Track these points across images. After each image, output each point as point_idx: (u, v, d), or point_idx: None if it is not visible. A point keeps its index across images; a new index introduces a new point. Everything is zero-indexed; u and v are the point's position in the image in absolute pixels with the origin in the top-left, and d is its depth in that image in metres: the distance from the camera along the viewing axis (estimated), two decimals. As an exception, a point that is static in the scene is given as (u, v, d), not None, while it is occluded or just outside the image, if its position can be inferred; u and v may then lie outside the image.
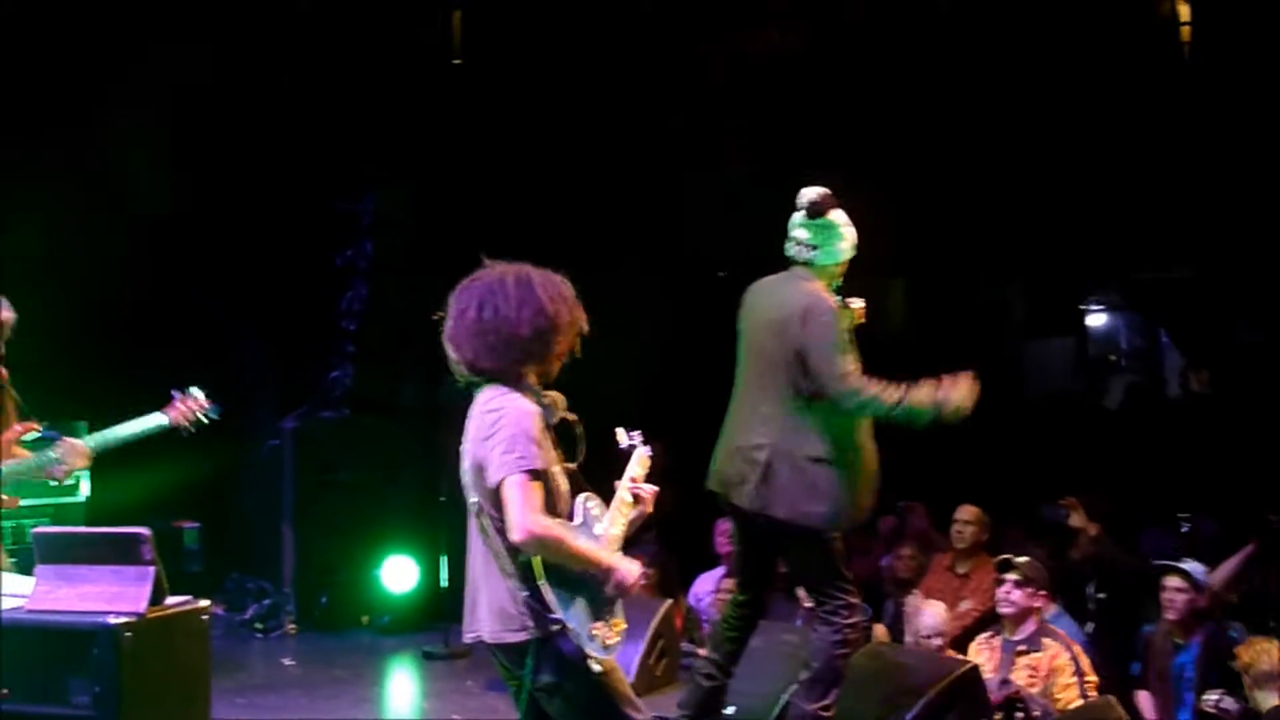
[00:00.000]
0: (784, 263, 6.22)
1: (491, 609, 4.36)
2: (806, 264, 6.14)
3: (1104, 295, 13.91)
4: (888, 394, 5.86)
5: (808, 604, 8.32)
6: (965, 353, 12.44)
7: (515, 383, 4.39)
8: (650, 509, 4.71)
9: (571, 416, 4.49)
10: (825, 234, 6.14)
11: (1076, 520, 9.09)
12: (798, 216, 6.20)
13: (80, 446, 6.24)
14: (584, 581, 4.32)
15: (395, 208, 10.69)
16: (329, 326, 10.89)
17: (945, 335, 12.23)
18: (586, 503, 4.46)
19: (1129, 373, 14.14)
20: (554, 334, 4.41)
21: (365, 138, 10.70)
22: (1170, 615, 7.38)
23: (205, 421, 6.57)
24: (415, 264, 10.60)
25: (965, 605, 8.43)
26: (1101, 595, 8.30)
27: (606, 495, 4.61)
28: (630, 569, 4.42)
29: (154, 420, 6.43)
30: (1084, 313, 14.13)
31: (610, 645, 4.35)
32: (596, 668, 4.28)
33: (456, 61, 10.58)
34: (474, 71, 10.51)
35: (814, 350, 5.92)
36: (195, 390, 6.56)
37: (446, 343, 4.45)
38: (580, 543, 4.33)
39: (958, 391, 5.90)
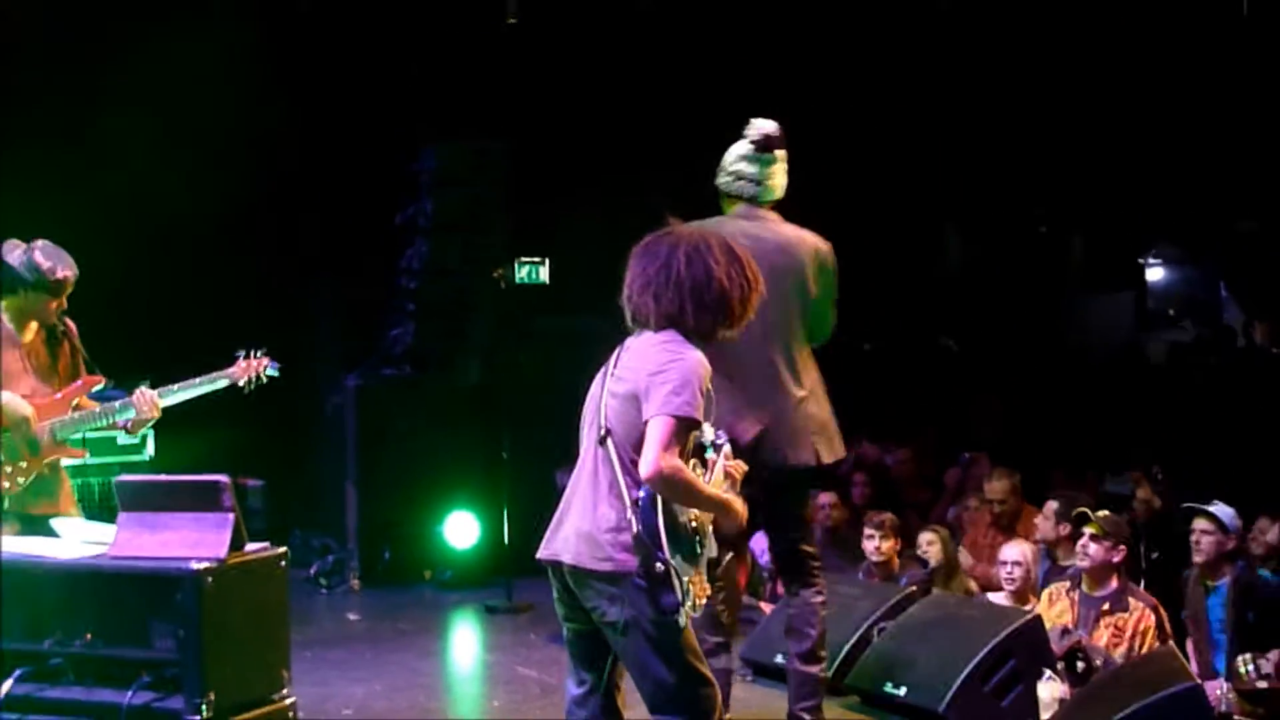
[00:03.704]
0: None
1: (580, 534, 4.39)
2: (750, 200, 5.89)
3: (1164, 249, 13.84)
4: None
5: (874, 559, 8.39)
6: (1022, 300, 12.55)
7: (687, 338, 4.45)
8: (738, 488, 4.72)
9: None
10: (770, 169, 5.91)
11: (1143, 493, 9.10)
12: (743, 149, 5.94)
13: (152, 396, 6.37)
14: (688, 537, 4.37)
15: (456, 166, 10.72)
16: (390, 285, 10.96)
17: (1002, 283, 12.23)
18: (694, 469, 4.49)
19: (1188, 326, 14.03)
20: (731, 301, 4.48)
21: (425, 95, 10.76)
22: (1198, 558, 7.35)
23: (265, 380, 6.69)
24: (476, 222, 10.64)
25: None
26: (1155, 555, 8.28)
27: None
28: (744, 512, 4.56)
29: (218, 378, 6.56)
30: (1143, 266, 14.04)
31: (699, 604, 4.38)
32: (683, 621, 4.31)
33: (512, 20, 10.63)
34: (531, 29, 10.56)
35: (829, 299, 5.94)
36: (258, 352, 6.68)
37: (634, 291, 4.51)
38: (703, 485, 4.40)
39: None
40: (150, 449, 9.22)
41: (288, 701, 5.09)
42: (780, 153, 5.96)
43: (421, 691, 7.58)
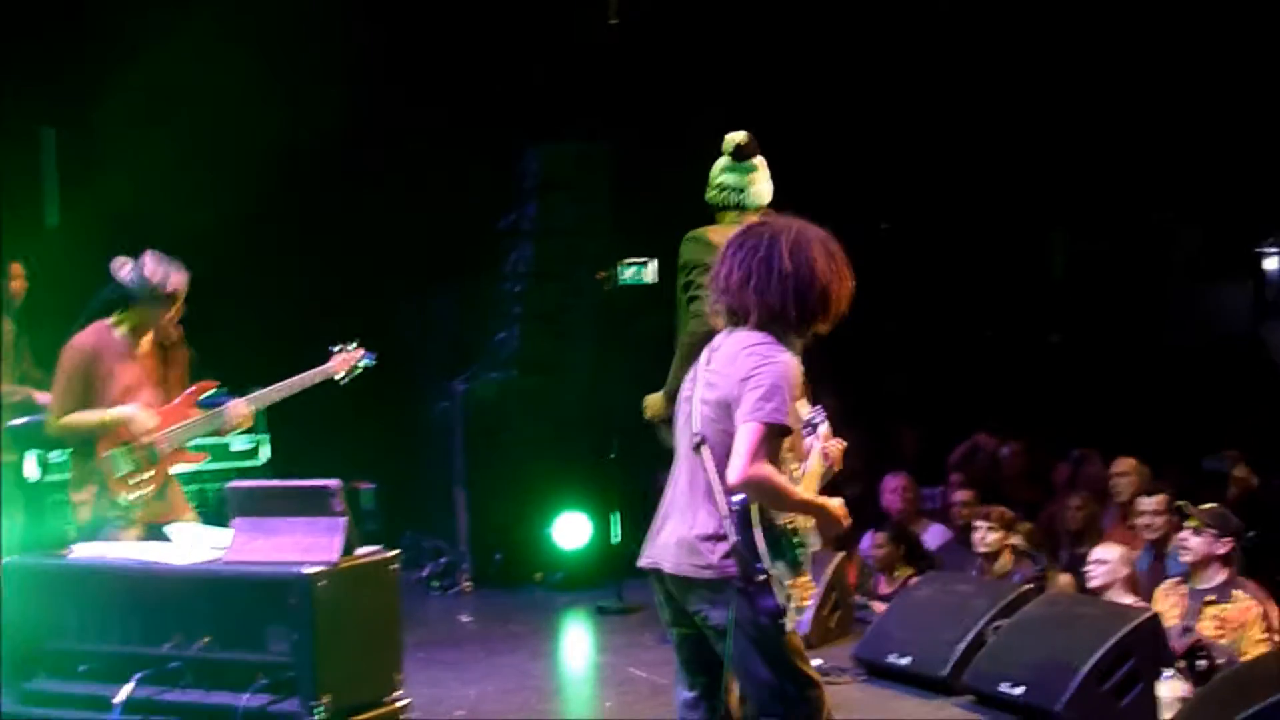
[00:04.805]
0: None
1: (680, 541, 4.37)
2: (738, 208, 6.15)
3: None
4: None
5: (980, 549, 8.33)
6: (1131, 298, 12.36)
7: (785, 337, 4.40)
8: (839, 467, 4.70)
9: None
10: (750, 176, 6.23)
11: (1239, 471, 8.94)
12: (723, 162, 6.28)
13: (243, 408, 6.53)
14: (788, 539, 4.32)
15: (560, 168, 10.75)
16: (496, 288, 11.01)
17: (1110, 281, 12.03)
18: (789, 465, 4.42)
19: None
20: (833, 297, 4.41)
21: (529, 98, 10.79)
22: None
23: (360, 370, 6.80)
24: (581, 225, 10.67)
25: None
26: (1252, 533, 8.08)
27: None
28: (843, 512, 4.44)
29: (317, 375, 6.68)
30: (1260, 255, 13.68)
31: (802, 606, 4.36)
32: (789, 625, 4.28)
33: (614, 21, 10.63)
34: (633, 31, 10.56)
35: None
36: (350, 345, 6.80)
37: (733, 285, 4.43)
38: (795, 490, 4.33)
39: None
40: (265, 454, 9.33)
41: (400, 704, 5.12)
42: (758, 159, 6.29)
43: (533, 693, 7.60)
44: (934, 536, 9.54)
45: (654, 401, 6.75)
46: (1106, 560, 7.46)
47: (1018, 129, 11.42)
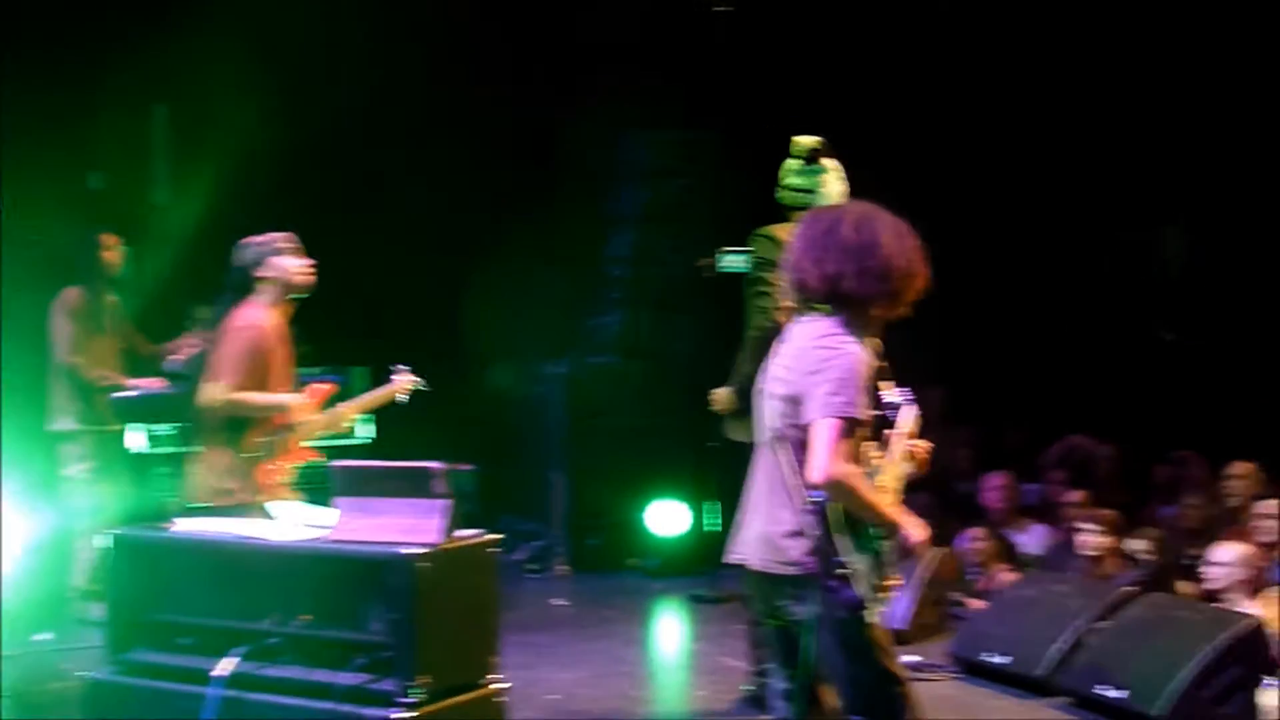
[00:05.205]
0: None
1: (764, 538, 4.37)
2: (806, 209, 6.16)
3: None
4: None
5: (1086, 552, 8.22)
6: (1247, 297, 12.11)
7: (854, 322, 4.34)
8: (923, 468, 4.60)
9: (879, 364, 4.40)
10: (819, 179, 6.40)
11: None
12: (793, 165, 6.46)
13: (351, 410, 6.70)
14: (869, 532, 4.27)
15: (666, 156, 10.74)
16: (597, 273, 11.03)
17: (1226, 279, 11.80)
18: (870, 452, 4.36)
19: None
20: (895, 273, 4.33)
21: (634, 84, 10.79)
22: None
23: (412, 394, 6.87)
24: (686, 212, 10.65)
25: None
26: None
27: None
28: (917, 531, 4.35)
29: (393, 392, 6.81)
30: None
31: (886, 599, 4.32)
32: (872, 619, 4.26)
33: (719, 8, 10.60)
34: (740, 17, 10.52)
35: None
36: (405, 367, 6.89)
37: (797, 255, 4.40)
38: (875, 496, 4.27)
39: None
40: (366, 432, 9.40)
41: (497, 687, 5.14)
42: (828, 162, 6.46)
43: (626, 679, 7.63)
44: (1035, 537, 9.43)
45: (722, 396, 6.82)
46: (1226, 562, 7.29)
47: (1133, 124, 11.24)
